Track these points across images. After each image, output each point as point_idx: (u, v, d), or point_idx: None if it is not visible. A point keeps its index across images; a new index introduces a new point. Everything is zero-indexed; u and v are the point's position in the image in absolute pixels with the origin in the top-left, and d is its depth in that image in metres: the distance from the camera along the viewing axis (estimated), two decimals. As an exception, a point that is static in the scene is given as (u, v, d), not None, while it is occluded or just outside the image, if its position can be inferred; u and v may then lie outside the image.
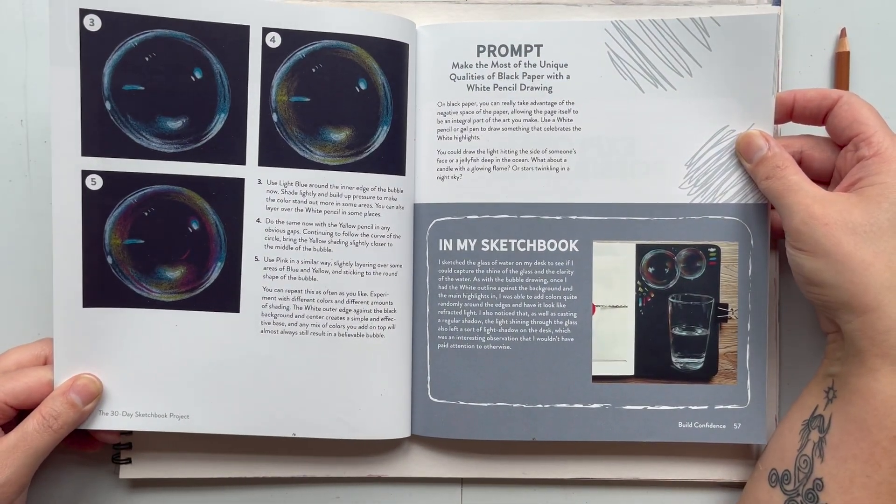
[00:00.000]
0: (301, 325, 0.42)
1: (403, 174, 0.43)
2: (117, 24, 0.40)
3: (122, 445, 0.45)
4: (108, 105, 0.41)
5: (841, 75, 0.45)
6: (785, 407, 0.44)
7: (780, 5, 0.44)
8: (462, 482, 0.46)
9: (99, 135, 0.41)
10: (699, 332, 0.43)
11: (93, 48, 0.40)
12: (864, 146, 0.39)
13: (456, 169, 0.44)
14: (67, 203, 0.41)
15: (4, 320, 0.47)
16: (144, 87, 0.41)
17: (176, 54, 0.41)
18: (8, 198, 0.46)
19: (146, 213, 0.42)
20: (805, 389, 0.41)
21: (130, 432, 0.45)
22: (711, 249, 0.43)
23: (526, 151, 0.43)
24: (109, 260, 0.42)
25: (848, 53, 0.45)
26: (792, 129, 0.44)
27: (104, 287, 0.42)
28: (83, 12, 0.40)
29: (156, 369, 0.42)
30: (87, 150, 0.41)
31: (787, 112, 0.42)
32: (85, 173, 0.41)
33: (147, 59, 0.41)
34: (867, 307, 0.36)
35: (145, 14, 0.40)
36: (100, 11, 0.40)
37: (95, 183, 0.41)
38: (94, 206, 0.41)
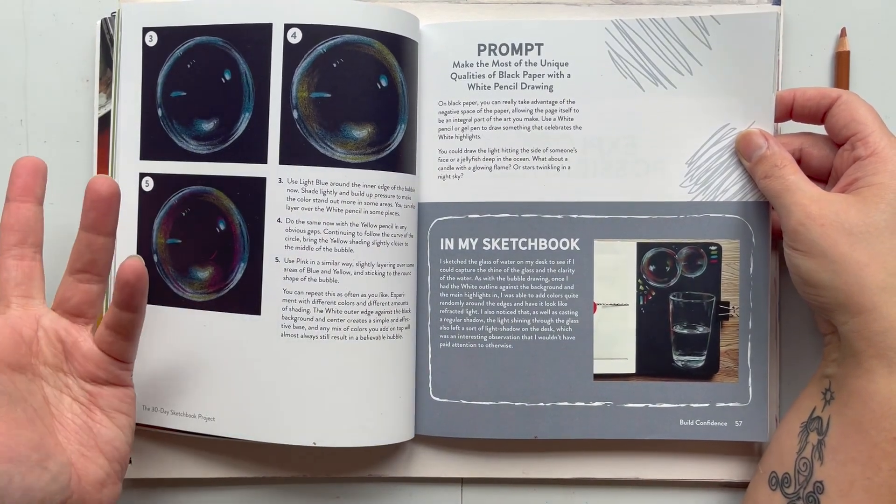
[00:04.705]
0: (322, 328, 0.41)
1: (415, 173, 0.43)
2: (169, 37, 0.43)
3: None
4: (159, 112, 0.43)
5: (841, 75, 0.45)
6: (786, 406, 0.44)
7: (780, 5, 0.44)
8: (462, 482, 0.46)
9: (153, 140, 0.43)
10: (700, 330, 0.43)
11: (151, 61, 0.43)
12: (860, 146, 0.39)
13: (457, 168, 0.44)
14: (128, 204, 0.43)
15: None
16: (187, 92, 0.42)
17: (210, 59, 0.42)
18: None
19: (184, 214, 0.43)
20: (803, 391, 0.41)
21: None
22: (712, 247, 0.43)
23: (527, 150, 0.43)
24: (155, 258, 0.43)
25: (848, 53, 0.45)
26: (794, 127, 0.44)
27: (151, 285, 0.42)
28: (145, 30, 0.43)
29: (187, 368, 0.42)
30: (144, 154, 0.43)
31: (787, 110, 0.42)
32: (141, 176, 0.43)
33: (189, 66, 0.42)
34: (862, 308, 0.36)
35: (189, 24, 0.42)
36: (157, 28, 0.43)
37: (148, 184, 0.43)
38: (147, 206, 0.43)
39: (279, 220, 0.41)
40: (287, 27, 0.41)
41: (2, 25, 0.46)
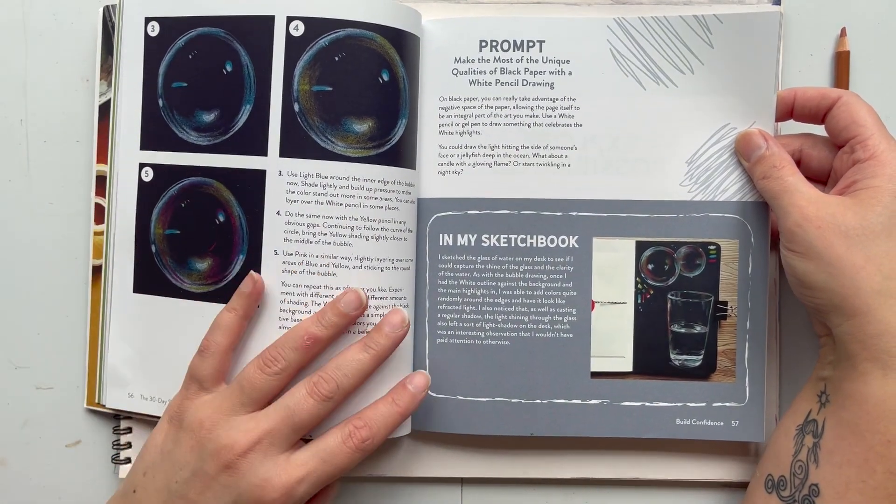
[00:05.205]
0: None
1: (415, 168, 0.43)
2: (171, 27, 0.43)
3: (122, 445, 0.45)
4: (160, 102, 0.43)
5: (841, 75, 0.45)
6: (785, 407, 0.44)
7: (779, 4, 0.44)
8: (462, 482, 0.46)
9: (154, 130, 0.43)
10: (698, 329, 0.43)
11: (152, 51, 0.43)
12: (859, 149, 0.38)
13: (457, 164, 0.44)
14: (126, 194, 0.44)
15: (2, 320, 0.47)
16: (188, 83, 0.42)
17: (212, 50, 0.42)
18: (8, 198, 0.46)
19: (183, 205, 0.43)
20: (799, 394, 0.41)
21: (130, 429, 0.45)
22: (711, 247, 0.43)
23: (527, 147, 0.43)
24: (153, 249, 0.43)
25: (848, 53, 0.45)
26: (795, 127, 0.44)
27: (148, 275, 0.43)
28: (147, 20, 0.43)
29: (186, 359, 0.41)
30: (145, 144, 0.44)
31: (788, 110, 0.42)
32: (141, 166, 0.43)
33: (190, 56, 0.42)
34: (857, 311, 0.36)
35: (191, 15, 0.42)
36: (159, 18, 0.43)
37: (148, 175, 0.43)
38: (146, 196, 0.43)
39: (278, 213, 0.41)
40: (290, 20, 0.41)
41: (2, 25, 0.46)
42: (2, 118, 0.46)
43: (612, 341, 0.43)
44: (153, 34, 0.43)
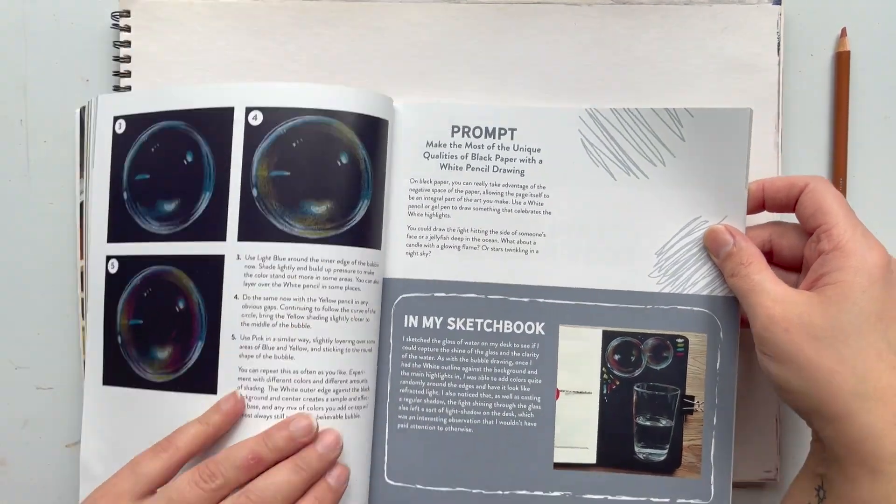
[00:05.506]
0: (276, 407, 0.40)
1: (380, 248, 0.43)
2: (135, 123, 0.43)
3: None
4: (125, 195, 0.43)
5: (841, 75, 0.45)
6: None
7: (780, 4, 0.44)
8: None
9: (119, 222, 0.43)
10: (664, 423, 0.43)
11: (119, 148, 0.44)
12: (824, 238, 0.37)
13: (425, 245, 0.43)
14: (96, 287, 0.43)
15: (2, 320, 0.46)
16: (150, 175, 0.43)
17: (173, 142, 0.42)
18: (8, 198, 0.46)
19: (145, 294, 0.42)
20: (795, 483, 0.40)
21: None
22: (679, 340, 0.43)
23: (496, 232, 0.43)
24: (119, 340, 0.43)
25: (848, 53, 0.45)
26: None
27: (115, 366, 0.43)
28: (115, 118, 0.44)
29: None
30: (111, 237, 0.44)
31: (759, 202, 0.42)
32: (108, 258, 0.43)
33: (153, 150, 0.43)
34: (837, 415, 0.35)
35: (155, 111, 0.43)
36: (126, 115, 0.43)
37: (114, 266, 0.43)
38: (112, 288, 0.43)
39: (236, 297, 0.40)
40: (248, 110, 0.41)
41: (2, 25, 0.47)
42: (2, 118, 0.46)
43: (577, 432, 0.43)
44: (120, 131, 0.43)
